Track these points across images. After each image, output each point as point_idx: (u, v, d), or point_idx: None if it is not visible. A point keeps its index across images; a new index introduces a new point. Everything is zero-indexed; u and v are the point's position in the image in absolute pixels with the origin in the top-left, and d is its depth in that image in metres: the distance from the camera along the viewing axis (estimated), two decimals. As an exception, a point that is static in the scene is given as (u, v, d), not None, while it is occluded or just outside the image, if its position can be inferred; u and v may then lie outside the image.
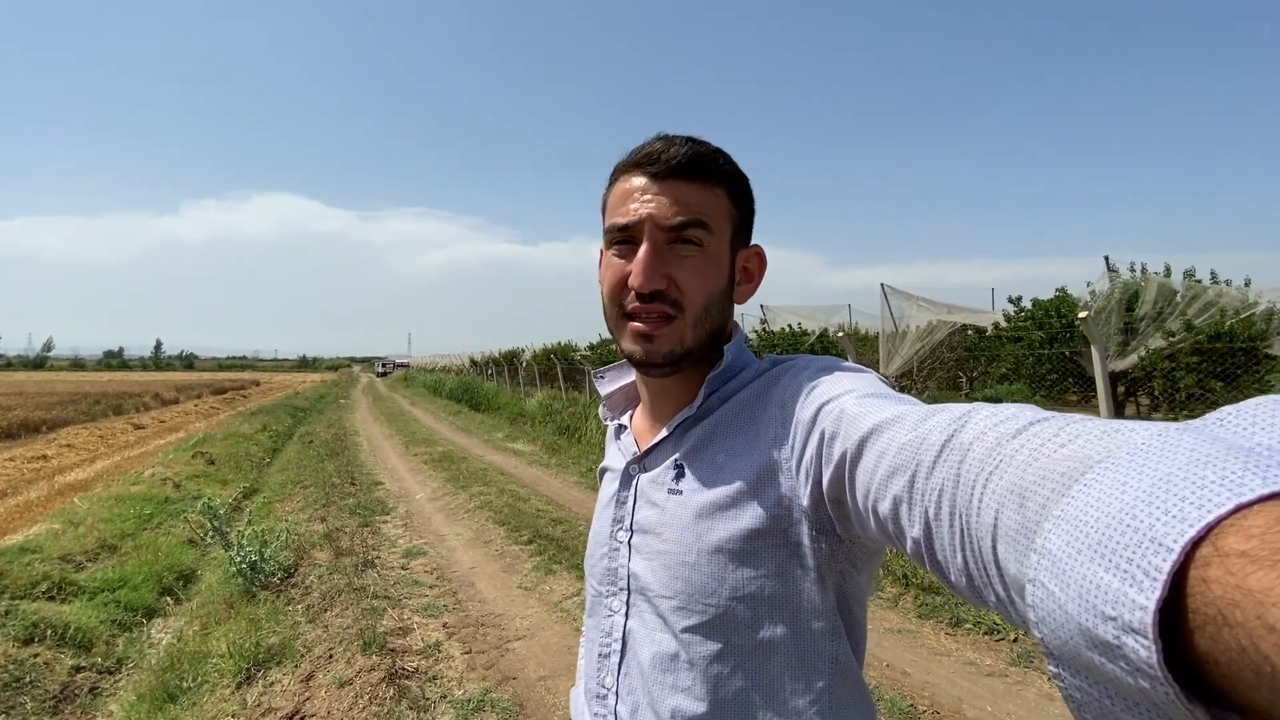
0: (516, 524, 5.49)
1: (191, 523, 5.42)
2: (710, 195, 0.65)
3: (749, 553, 0.60)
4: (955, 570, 0.39)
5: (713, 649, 0.61)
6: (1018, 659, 3.04)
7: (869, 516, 0.48)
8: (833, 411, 0.53)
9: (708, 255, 0.64)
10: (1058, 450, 0.33)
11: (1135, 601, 0.24)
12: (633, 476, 0.73)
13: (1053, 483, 0.31)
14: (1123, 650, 0.24)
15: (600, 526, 0.76)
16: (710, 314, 0.66)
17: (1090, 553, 0.26)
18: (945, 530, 0.39)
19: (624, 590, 0.69)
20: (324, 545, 4.92)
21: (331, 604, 3.77)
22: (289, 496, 7.15)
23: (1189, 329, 8.54)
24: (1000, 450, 0.36)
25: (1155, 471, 0.26)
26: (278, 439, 12.63)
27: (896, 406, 0.49)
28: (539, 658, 3.14)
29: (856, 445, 0.49)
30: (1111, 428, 0.32)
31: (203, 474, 8.39)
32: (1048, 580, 0.28)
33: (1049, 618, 0.28)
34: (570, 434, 10.43)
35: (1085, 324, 4.05)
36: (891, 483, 0.44)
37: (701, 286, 0.64)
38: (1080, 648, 0.27)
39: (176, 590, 4.63)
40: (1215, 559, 0.23)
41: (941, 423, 0.43)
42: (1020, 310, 11.55)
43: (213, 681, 3.07)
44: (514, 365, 20.69)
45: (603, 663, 0.70)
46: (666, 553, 0.65)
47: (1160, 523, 0.24)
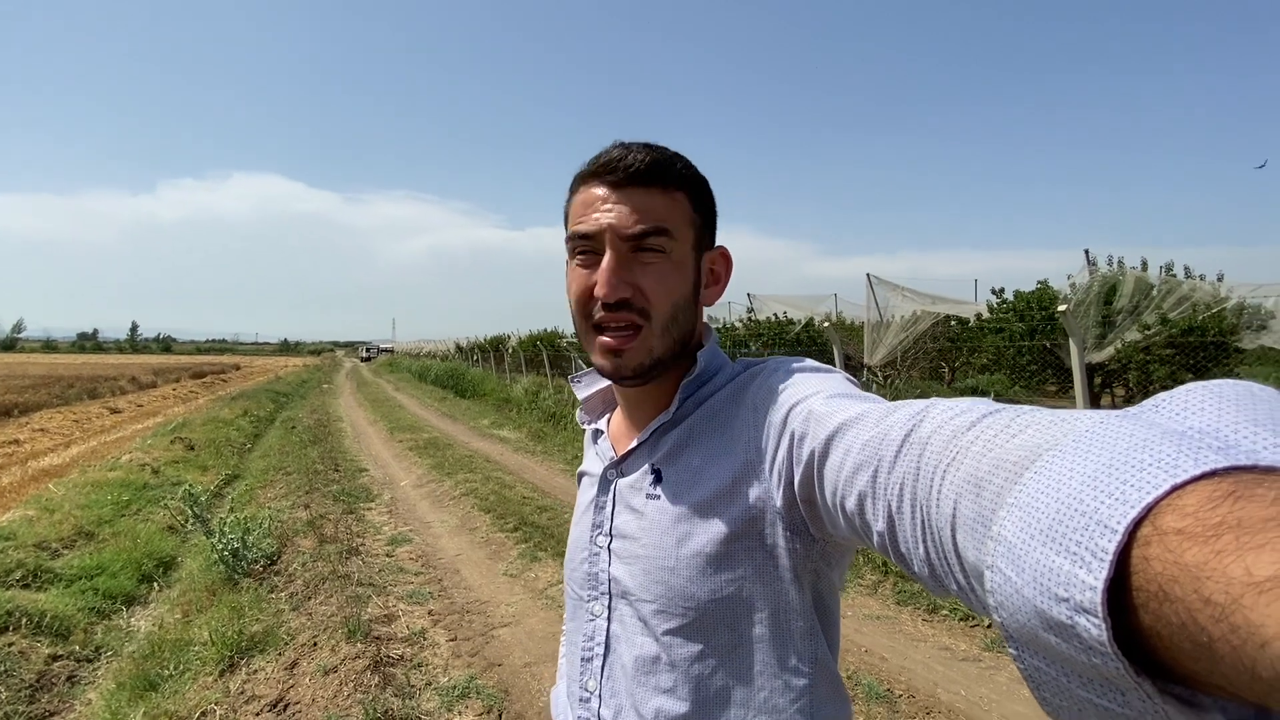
0: (502, 511, 5.50)
1: (172, 509, 5.36)
2: (671, 201, 0.65)
3: (727, 555, 0.61)
4: (918, 561, 0.40)
5: (694, 650, 0.62)
6: (990, 644, 3.12)
7: (838, 513, 0.49)
8: (801, 412, 0.55)
9: (672, 261, 0.64)
10: (1009, 440, 0.34)
11: (1085, 582, 0.25)
12: (610, 481, 0.74)
13: (1005, 471, 0.32)
14: (1076, 629, 0.25)
15: (580, 532, 0.76)
16: (677, 320, 0.66)
17: (1042, 537, 0.27)
18: (908, 522, 0.40)
19: (605, 594, 0.70)
20: (307, 532, 4.90)
21: (315, 591, 3.76)
22: (271, 483, 7.09)
23: (1164, 322, 8.72)
24: (956, 442, 0.38)
25: (1098, 457, 0.28)
26: (259, 424, 12.49)
27: (861, 405, 0.50)
28: (524, 644, 3.17)
29: (824, 444, 0.50)
30: (1059, 417, 0.33)
31: (182, 460, 8.28)
32: (1004, 566, 0.29)
33: (1007, 602, 0.29)
34: (556, 421, 10.43)
35: (1065, 317, 4.11)
36: (856, 479, 0.45)
37: (666, 293, 0.64)
38: (1037, 629, 0.28)
39: (156, 578, 4.58)
40: (1155, 538, 0.24)
41: (901, 419, 0.44)
42: (1003, 302, 11.72)
43: (195, 669, 3.05)
44: (500, 351, 20.58)
45: (585, 666, 0.71)
46: (646, 557, 0.66)
47: (1104, 506, 0.26)
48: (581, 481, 0.81)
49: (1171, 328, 8.73)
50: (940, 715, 2.55)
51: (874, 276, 9.60)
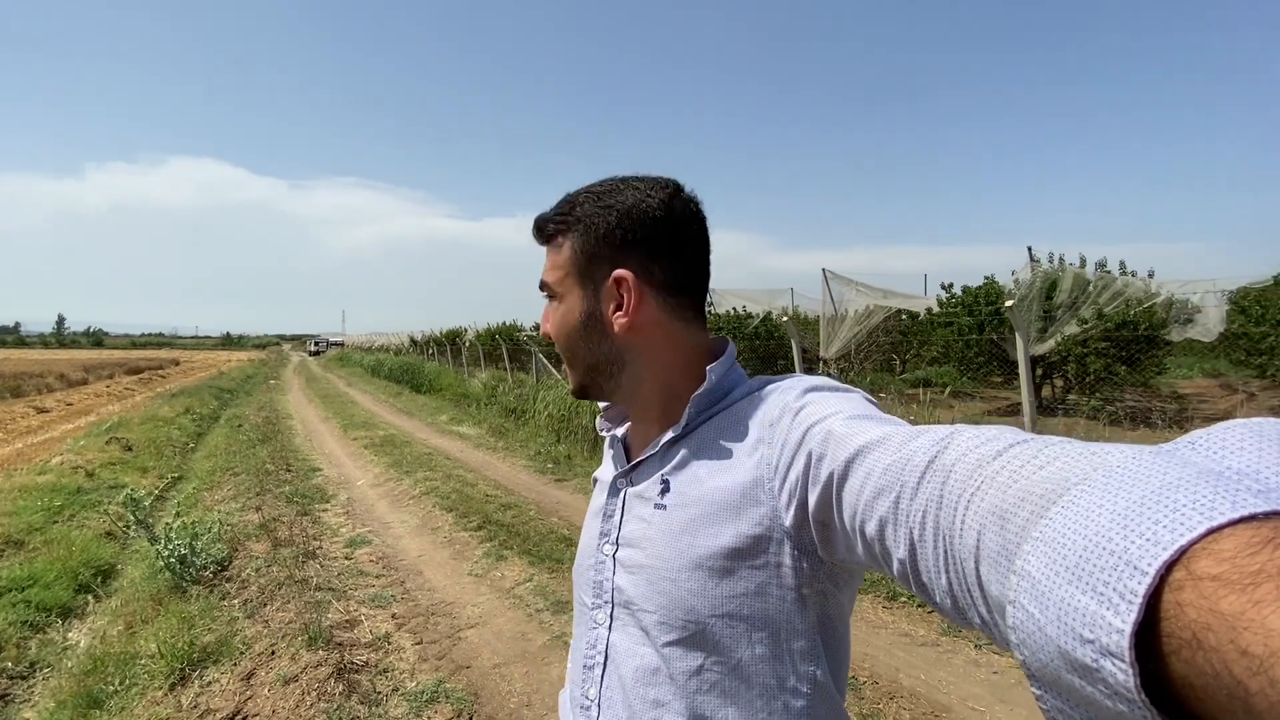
0: (465, 510, 5.41)
1: (112, 514, 5.08)
2: (557, 251, 0.73)
3: (730, 570, 0.60)
4: (940, 591, 0.39)
5: (693, 664, 0.62)
6: (946, 630, 3.24)
7: (856, 538, 0.48)
8: (819, 433, 0.54)
9: (561, 304, 0.73)
10: (1037, 472, 0.33)
11: (1112, 625, 0.24)
12: (620, 490, 0.74)
13: (1032, 504, 0.32)
14: (1101, 673, 0.24)
15: (588, 538, 0.77)
16: (575, 352, 0.73)
17: (1068, 575, 0.27)
18: (930, 551, 0.40)
19: (608, 604, 0.70)
20: (260, 536, 4.72)
21: (272, 598, 3.63)
22: (218, 485, 6.80)
23: (1100, 317, 9.18)
24: (982, 471, 0.37)
25: (1130, 494, 0.27)
26: (202, 423, 11.95)
27: (883, 427, 0.50)
28: (492, 645, 3.13)
29: (843, 466, 0.49)
30: (1089, 450, 0.33)
31: (119, 461, 7.86)
32: (1027, 602, 0.29)
33: (1029, 640, 0.28)
34: (517, 416, 10.31)
35: (1010, 312, 4.28)
36: (877, 504, 0.44)
37: (556, 332, 0.73)
38: (1060, 670, 0.27)
39: (95, 588, 4.34)
40: (1189, 582, 0.23)
41: (925, 444, 0.43)
42: (951, 297, 12.13)
43: (143, 684, 2.91)
44: (457, 345, 20.21)
45: (587, 674, 0.71)
46: (649, 567, 0.66)
47: (1135, 545, 0.25)
48: (595, 486, 0.82)
49: (1106, 322, 9.21)
50: (903, 699, 2.64)
51: (830, 271, 9.81)
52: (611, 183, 0.71)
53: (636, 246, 0.70)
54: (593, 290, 0.70)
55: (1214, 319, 10.19)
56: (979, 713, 2.53)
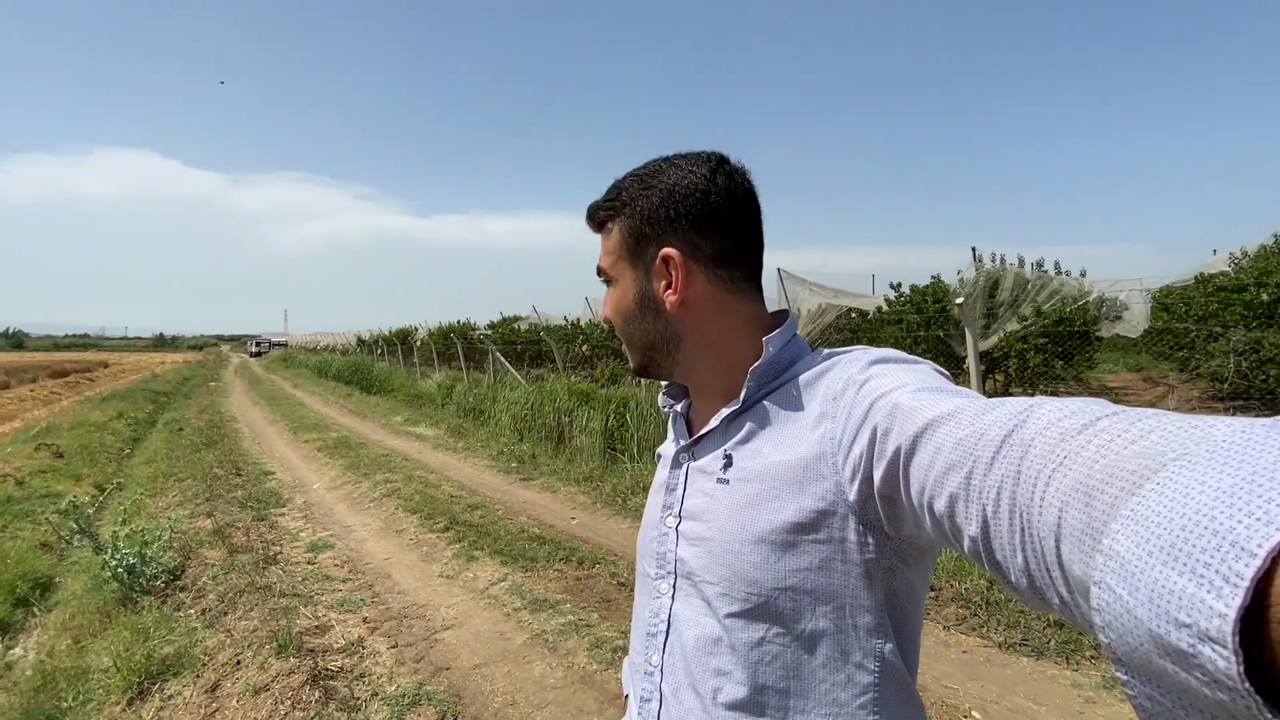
0: (429, 511, 5.30)
1: (53, 523, 4.77)
2: (609, 236, 0.75)
3: (792, 544, 0.60)
4: (1015, 570, 0.38)
5: (755, 635, 0.62)
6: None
7: (924, 514, 0.47)
8: (886, 406, 0.53)
9: (617, 287, 0.75)
10: (1128, 446, 0.32)
11: (1213, 608, 0.23)
12: (683, 464, 0.75)
13: (1122, 481, 0.30)
14: (1198, 659, 0.23)
15: (652, 511, 0.78)
16: (633, 334, 0.75)
17: (1162, 555, 0.25)
18: (1004, 529, 0.38)
19: (671, 574, 0.71)
20: (214, 543, 4.51)
21: (233, 606, 3.48)
22: (162, 491, 6.46)
23: (1038, 314, 9.68)
24: (1065, 446, 0.35)
25: (1238, 471, 0.25)
26: (138, 427, 11.34)
27: (954, 400, 0.48)
28: (471, 646, 3.09)
29: (911, 440, 0.48)
30: (1189, 423, 0.31)
31: (50, 468, 7.39)
32: (1115, 583, 0.27)
33: (1116, 622, 0.27)
34: (476, 416, 10.14)
35: (960, 310, 4.47)
36: (948, 479, 0.43)
37: (614, 315, 0.76)
38: (1150, 655, 0.25)
39: (33, 601, 4.08)
40: None
41: (1001, 417, 0.41)
42: (900, 296, 12.55)
43: (99, 699, 2.75)
44: (408, 344, 19.71)
45: (650, 641, 0.72)
46: (712, 540, 0.66)
47: (1243, 525, 0.23)
48: (659, 462, 0.82)
49: (1045, 319, 9.71)
50: (878, 681, 2.74)
51: (784, 271, 10.01)
52: (655, 163, 0.72)
53: (681, 223, 0.70)
54: (643, 271, 0.72)
55: (1139, 316, 10.86)
56: (952, 690, 2.65)
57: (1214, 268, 9.89)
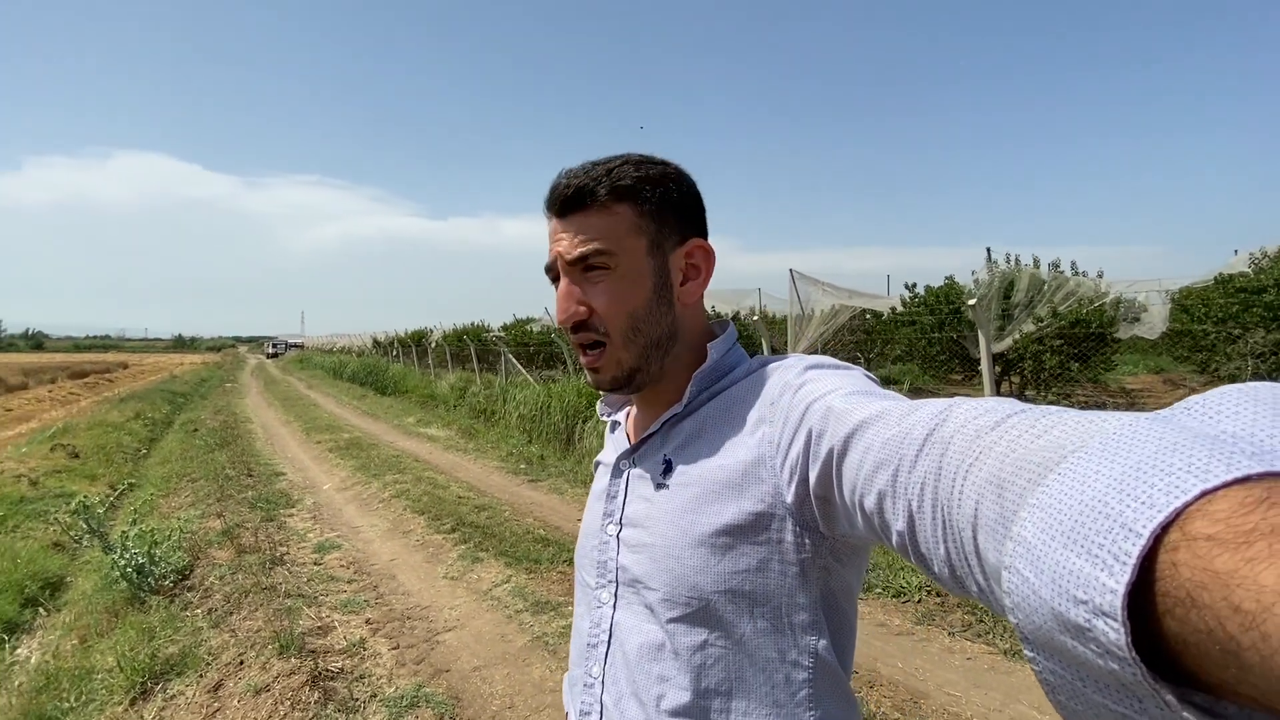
0: (437, 512, 5.31)
1: (64, 523, 4.83)
2: (608, 217, 0.67)
3: (733, 547, 0.61)
4: (938, 561, 0.39)
5: (697, 640, 0.62)
6: (922, 618, 3.31)
7: (856, 512, 0.49)
8: (820, 409, 0.54)
9: (618, 275, 0.67)
10: (1034, 441, 0.34)
11: (1105, 585, 0.25)
12: (623, 471, 0.74)
13: (1029, 473, 0.32)
14: (1093, 633, 0.25)
15: (591, 519, 0.77)
16: (639, 329, 0.68)
17: (1063, 539, 0.27)
18: (928, 522, 0.40)
19: (613, 583, 0.70)
20: (223, 543, 4.55)
21: (238, 606, 3.50)
22: (175, 491, 6.54)
23: (1054, 315, 9.53)
24: (980, 442, 0.37)
25: (1126, 460, 0.27)
26: (155, 428, 11.49)
27: (881, 403, 0.50)
28: (471, 648, 3.08)
29: (843, 442, 0.49)
30: (1086, 418, 0.33)
31: (65, 469, 7.51)
32: (1022, 566, 0.29)
33: (1024, 603, 0.29)
34: (487, 417, 10.18)
35: (973, 311, 4.40)
36: (876, 477, 0.45)
37: (618, 307, 0.67)
38: (1053, 631, 0.27)
39: (43, 601, 4.14)
40: (1183, 543, 0.24)
41: (924, 417, 0.43)
42: (914, 297, 12.43)
43: (101, 699, 2.78)
44: (422, 346, 19.84)
45: (590, 652, 0.71)
46: (653, 545, 0.66)
47: (1130, 509, 0.25)
48: (597, 470, 0.82)
49: (1061, 320, 9.56)
50: (883, 687, 2.69)
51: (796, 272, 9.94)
52: (636, 155, 0.69)
53: (698, 218, 0.71)
54: (662, 259, 0.68)
55: (1158, 317, 10.67)
56: (955, 698, 2.59)
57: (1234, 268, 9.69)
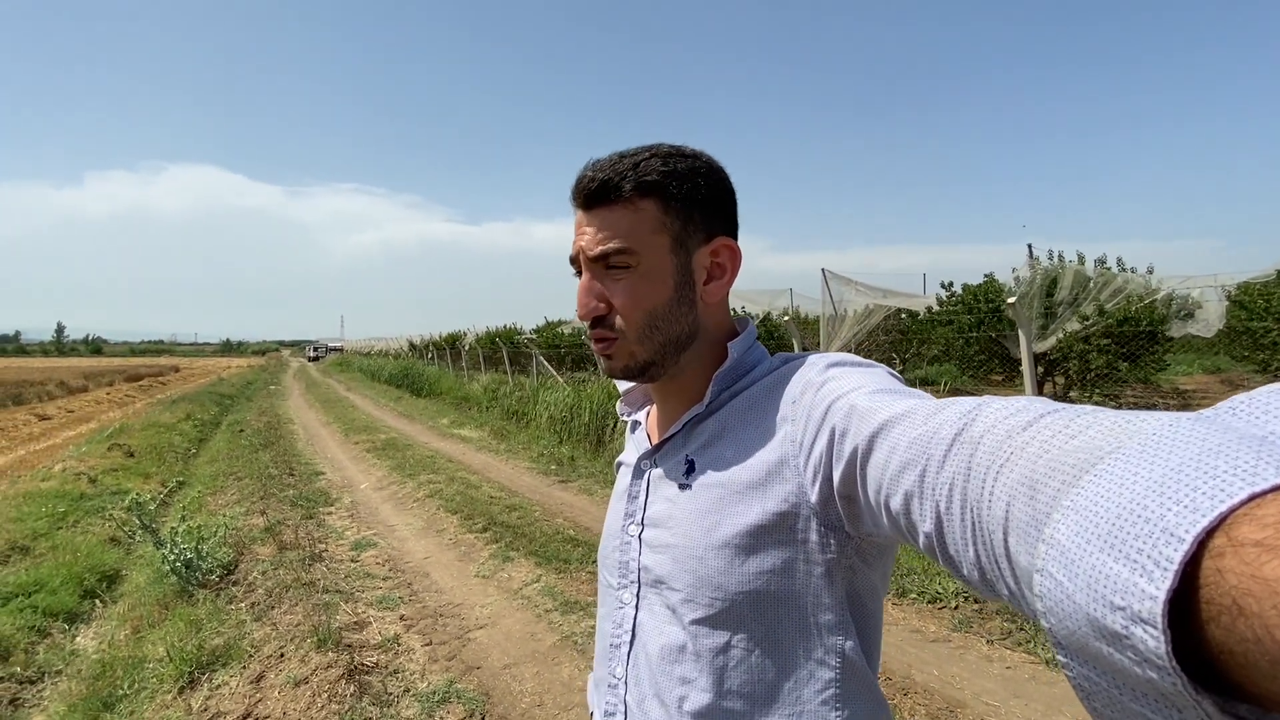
0: (469, 512, 5.40)
1: (118, 519, 5.07)
2: (633, 214, 0.65)
3: (757, 547, 0.60)
4: (968, 564, 0.39)
5: (720, 641, 0.62)
6: (959, 625, 3.23)
7: (881, 512, 0.48)
8: (843, 408, 0.53)
9: (639, 273, 0.66)
10: (1068, 442, 0.33)
11: (1145, 591, 0.24)
12: (644, 471, 0.74)
13: (1063, 474, 0.31)
14: (1131, 640, 0.24)
15: (613, 519, 0.76)
16: (657, 326, 0.67)
17: (1099, 543, 0.26)
18: (957, 524, 0.39)
19: (635, 583, 0.70)
20: (265, 540, 4.71)
21: (279, 601, 3.62)
22: (221, 489, 6.79)
23: (1100, 313, 9.19)
24: (1011, 442, 0.36)
25: (1167, 462, 0.26)
26: (204, 428, 11.94)
27: (907, 401, 0.49)
28: (502, 646, 3.12)
29: (868, 441, 0.49)
30: (1123, 419, 0.32)
31: (121, 467, 7.85)
32: (1056, 570, 0.28)
33: (1056, 608, 0.28)
34: (519, 419, 10.30)
35: (1013, 309, 4.28)
36: (903, 477, 0.44)
37: (637, 305, 0.66)
38: (1088, 638, 0.26)
39: (100, 593, 4.33)
40: (1229, 549, 0.23)
41: (952, 416, 0.42)
42: (951, 295, 12.13)
43: (152, 687, 2.90)
44: (456, 349, 20.19)
45: (613, 653, 0.71)
46: (676, 546, 0.66)
47: (1172, 513, 0.24)
48: (619, 470, 0.81)
49: (1108, 318, 9.21)
50: (917, 695, 2.63)
51: (829, 271, 9.79)
52: (666, 146, 0.68)
53: (726, 214, 0.70)
54: (686, 258, 0.67)
55: (1214, 315, 10.20)
56: (993, 708, 2.52)
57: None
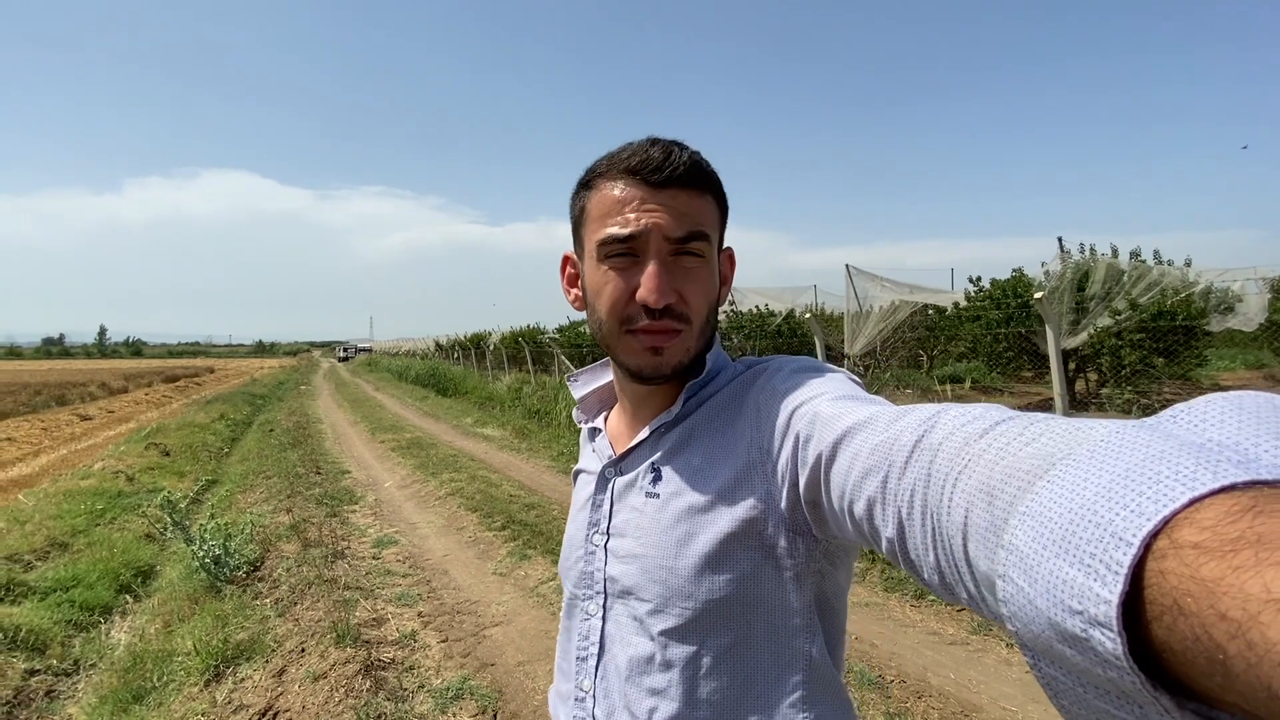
0: (489, 510, 5.46)
1: (150, 517, 5.24)
2: (706, 204, 0.65)
3: (726, 555, 0.60)
4: (928, 568, 0.39)
5: (689, 651, 0.61)
6: (977, 628, 3.17)
7: (845, 518, 0.48)
8: (807, 414, 0.54)
9: (708, 266, 0.65)
10: (1023, 449, 0.34)
11: (1099, 595, 0.24)
12: (609, 480, 0.73)
13: (1019, 480, 0.32)
14: (1090, 643, 0.25)
15: (575, 530, 0.76)
16: (710, 322, 0.67)
17: (1055, 548, 0.27)
18: (918, 529, 0.40)
19: (600, 594, 0.69)
20: (291, 537, 4.82)
21: (302, 597, 3.70)
22: (251, 487, 6.97)
23: (1134, 308, 8.91)
24: (969, 449, 0.37)
25: (1114, 468, 0.27)
26: (236, 428, 12.26)
27: (869, 408, 0.50)
28: (516, 643, 3.15)
29: (831, 447, 0.49)
30: (1073, 426, 0.33)
31: (157, 466, 8.10)
32: (1017, 576, 0.29)
33: (1020, 612, 0.29)
34: (541, 418, 10.38)
35: (1040, 304, 4.17)
36: (865, 484, 0.44)
37: (704, 297, 0.65)
38: (1051, 640, 0.27)
39: (135, 588, 4.48)
40: (1171, 551, 0.23)
41: (912, 423, 0.43)
42: (979, 290, 11.88)
43: (179, 680, 2.99)
44: (481, 349, 20.43)
45: (580, 665, 0.70)
46: (643, 556, 0.65)
47: (1120, 517, 0.25)
48: (577, 479, 0.80)
49: (1141, 313, 8.93)
50: (931, 699, 2.59)
51: (853, 267, 9.67)
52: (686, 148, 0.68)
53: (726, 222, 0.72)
54: (714, 260, 0.68)
55: (1255, 307, 9.83)
56: (1010, 713, 2.47)
57: (1343, 251, 8.80)
